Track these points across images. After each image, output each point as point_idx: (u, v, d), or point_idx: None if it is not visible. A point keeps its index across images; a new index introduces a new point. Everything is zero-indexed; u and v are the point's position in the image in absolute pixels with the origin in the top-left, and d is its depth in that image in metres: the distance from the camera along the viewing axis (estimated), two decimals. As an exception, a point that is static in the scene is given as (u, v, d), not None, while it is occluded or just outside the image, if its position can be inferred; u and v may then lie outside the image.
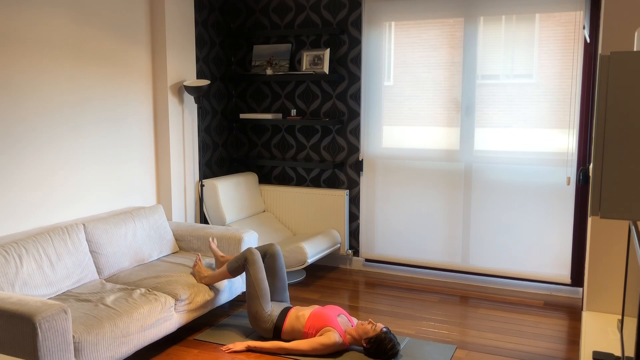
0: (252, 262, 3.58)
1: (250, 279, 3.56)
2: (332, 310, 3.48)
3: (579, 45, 4.15)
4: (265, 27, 5.17)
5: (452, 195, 4.67)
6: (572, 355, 3.43)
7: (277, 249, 3.74)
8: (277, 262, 3.73)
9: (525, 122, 4.37)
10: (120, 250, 3.75)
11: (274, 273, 3.71)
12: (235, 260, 3.63)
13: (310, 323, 3.40)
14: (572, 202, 4.30)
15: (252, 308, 3.54)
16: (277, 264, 3.73)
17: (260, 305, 3.52)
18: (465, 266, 4.69)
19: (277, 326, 3.49)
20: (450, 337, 3.68)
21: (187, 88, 4.49)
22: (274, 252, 3.73)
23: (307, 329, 3.40)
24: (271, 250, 3.74)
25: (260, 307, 3.52)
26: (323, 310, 3.46)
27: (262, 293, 3.54)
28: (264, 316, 3.51)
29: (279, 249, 3.76)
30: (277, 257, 3.73)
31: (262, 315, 3.51)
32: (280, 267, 3.73)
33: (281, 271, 3.73)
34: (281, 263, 3.74)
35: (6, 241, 3.20)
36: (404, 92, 4.73)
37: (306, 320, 3.43)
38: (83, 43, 3.86)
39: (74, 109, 3.83)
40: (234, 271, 3.63)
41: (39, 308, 2.63)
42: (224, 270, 3.64)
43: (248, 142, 5.39)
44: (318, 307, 3.54)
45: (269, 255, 3.73)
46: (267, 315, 3.51)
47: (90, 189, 3.98)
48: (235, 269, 3.62)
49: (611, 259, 2.80)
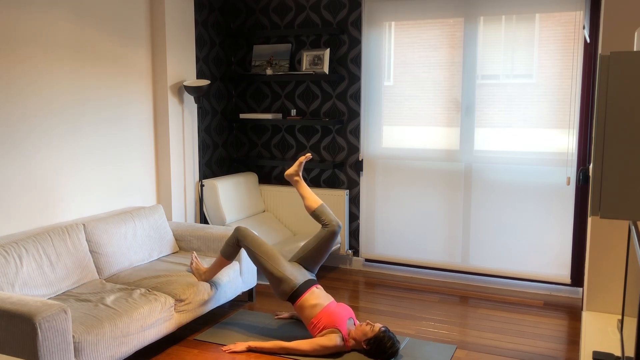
0: (244, 237, 3.58)
1: (252, 253, 3.54)
2: (344, 311, 3.45)
3: (579, 45, 4.15)
4: (265, 27, 5.17)
5: (452, 195, 4.67)
6: (572, 355, 3.43)
7: (338, 230, 3.66)
8: (331, 240, 3.65)
9: (525, 122, 4.37)
10: (120, 250, 3.75)
11: (320, 244, 3.65)
12: (226, 244, 3.63)
13: (320, 317, 3.39)
14: (572, 202, 4.30)
15: (269, 275, 3.51)
16: (330, 241, 3.65)
17: (274, 268, 3.49)
18: (465, 266, 4.69)
19: (295, 293, 3.46)
20: (450, 337, 3.68)
21: (187, 88, 4.49)
22: (334, 230, 3.64)
23: (315, 321, 3.39)
24: (334, 227, 3.64)
25: (275, 269, 3.49)
26: (337, 309, 3.44)
27: (269, 255, 3.52)
28: (281, 277, 3.48)
29: (339, 231, 3.68)
30: (334, 236, 3.65)
31: (279, 276, 3.48)
32: (328, 245, 3.65)
33: (327, 247, 3.66)
34: (332, 243, 3.67)
35: (6, 241, 3.20)
36: (404, 92, 4.73)
37: (319, 312, 3.41)
38: (83, 43, 3.86)
39: (74, 109, 3.83)
40: (229, 254, 3.62)
41: (39, 308, 2.63)
42: (219, 258, 3.64)
43: (248, 142, 5.39)
44: (334, 302, 3.50)
45: (329, 227, 3.65)
46: (284, 275, 3.48)
47: (90, 189, 3.98)
48: (230, 252, 3.62)
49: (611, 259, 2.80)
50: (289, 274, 3.50)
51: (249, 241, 3.57)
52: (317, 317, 3.40)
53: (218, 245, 4.09)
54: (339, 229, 3.66)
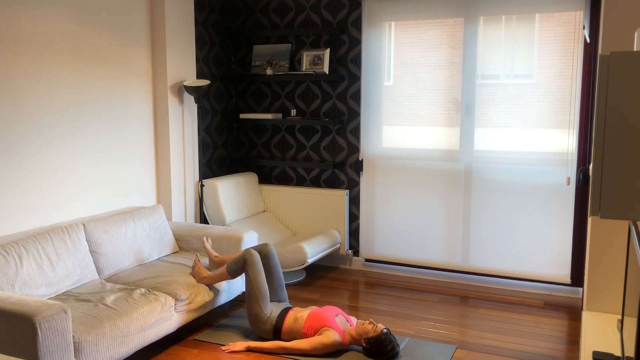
0: (251, 264, 3.58)
1: (249, 281, 3.56)
2: (329, 310, 3.48)
3: (579, 45, 4.15)
4: (265, 27, 5.17)
5: (452, 195, 4.67)
6: (572, 355, 3.43)
7: (270, 249, 3.75)
8: (271, 261, 3.73)
9: (525, 122, 4.37)
10: (120, 250, 3.75)
11: (270, 272, 3.72)
12: (235, 262, 3.63)
13: (308, 324, 3.41)
14: (572, 202, 4.30)
15: (251, 310, 3.54)
16: (272, 263, 3.73)
17: (259, 307, 3.52)
18: (465, 266, 4.69)
19: (276, 327, 3.49)
20: (450, 337, 3.68)
21: (187, 88, 4.49)
22: (267, 251, 3.74)
23: (306, 330, 3.41)
24: (264, 250, 3.74)
25: (260, 308, 3.52)
26: (321, 310, 3.46)
27: (261, 295, 3.54)
28: (263, 317, 3.51)
29: (272, 248, 3.76)
30: (271, 257, 3.73)
31: (261, 316, 3.51)
32: (276, 266, 3.74)
33: (276, 270, 3.74)
34: (276, 262, 3.74)
35: (6, 241, 3.20)
36: (404, 92, 4.73)
37: (304, 321, 3.43)
38: (83, 43, 3.86)
39: (74, 109, 3.83)
40: (234, 273, 3.63)
41: (39, 308, 2.63)
42: (224, 272, 3.64)
43: (248, 142, 5.39)
44: (316, 308, 3.54)
45: (262, 255, 3.74)
46: (267, 316, 3.52)
47: (90, 189, 3.98)
48: (235, 270, 3.63)
49: (611, 259, 2.80)
50: (269, 314, 3.54)
51: (253, 271, 3.58)
52: (305, 326, 3.42)
53: (218, 246, 4.09)
54: (269, 247, 3.75)
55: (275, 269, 3.74)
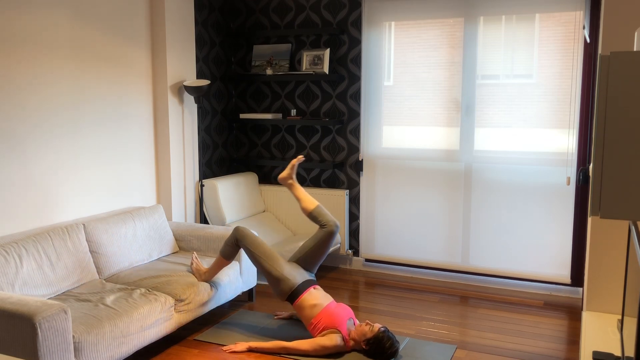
0: (243, 237, 3.58)
1: (250, 253, 3.55)
2: (344, 311, 3.45)
3: (579, 45, 4.15)
4: (265, 27, 5.17)
5: (452, 195, 4.67)
6: (572, 355, 3.43)
7: (336, 231, 3.67)
8: (329, 239, 3.66)
9: (525, 122, 4.37)
10: (120, 250, 3.75)
11: (319, 245, 3.65)
12: (226, 244, 3.63)
13: (320, 317, 3.39)
14: (572, 202, 4.30)
15: (268, 275, 3.51)
16: (328, 241, 3.66)
17: (273, 268, 3.50)
18: (465, 266, 4.69)
19: (294, 293, 3.47)
20: (450, 337, 3.68)
21: (187, 88, 4.49)
22: (332, 231, 3.65)
23: (315, 322, 3.39)
24: (331, 227, 3.65)
25: (274, 269, 3.50)
26: (337, 310, 3.43)
27: (267, 255, 3.52)
28: (279, 276, 3.48)
29: (337, 231, 3.68)
30: (332, 236, 3.66)
31: (277, 275, 3.48)
32: (327, 245, 3.66)
33: (325, 248, 3.66)
34: (330, 243, 3.67)
35: (6, 241, 3.20)
36: (404, 92, 4.73)
37: (319, 312, 3.41)
38: (83, 43, 3.86)
39: (74, 109, 3.83)
40: (228, 255, 3.62)
41: (39, 308, 2.63)
42: (219, 258, 3.64)
43: (248, 142, 5.39)
44: (333, 302, 3.50)
45: (328, 228, 3.65)
46: (283, 275, 3.48)
47: (90, 189, 3.98)
48: (229, 252, 3.62)
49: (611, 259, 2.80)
50: (287, 274, 3.50)
51: (247, 241, 3.58)
52: (317, 317, 3.40)
53: (218, 245, 4.09)
54: (337, 229, 3.66)
55: (325, 246, 3.66)
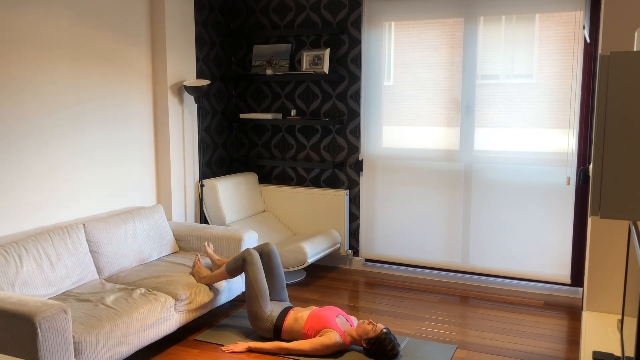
0: (251, 263, 3.58)
1: (249, 280, 3.56)
2: (330, 311, 3.48)
3: (579, 45, 4.15)
4: (265, 27, 5.17)
5: (452, 195, 4.67)
6: (572, 355, 3.43)
7: (272, 248, 3.75)
8: (273, 261, 3.73)
9: (525, 122, 4.37)
10: (120, 250, 3.75)
11: (271, 271, 3.72)
12: (234, 261, 3.63)
13: (309, 324, 3.41)
14: (572, 202, 4.30)
15: (251, 308, 3.54)
16: (274, 262, 3.73)
17: (259, 306, 3.52)
18: (465, 266, 4.69)
19: (277, 326, 3.49)
20: (450, 337, 3.68)
21: (187, 88, 4.49)
22: (269, 250, 3.74)
23: (306, 330, 3.41)
24: (266, 249, 3.74)
25: (260, 307, 3.52)
26: (321, 311, 3.46)
27: (261, 294, 3.54)
28: (263, 316, 3.51)
29: (274, 247, 3.76)
30: (272, 256, 3.73)
31: (261, 315, 3.51)
32: (277, 265, 3.74)
33: (278, 269, 3.74)
34: (277, 261, 3.75)
35: (6, 241, 3.20)
36: (404, 92, 4.73)
37: (305, 321, 3.43)
38: (83, 43, 3.86)
39: (74, 109, 3.83)
40: (233, 272, 3.63)
41: (39, 308, 2.63)
42: (223, 271, 3.64)
43: (248, 142, 5.39)
44: (316, 308, 3.54)
45: (264, 254, 3.74)
46: (267, 315, 3.51)
47: (90, 189, 3.98)
48: (234, 269, 3.63)
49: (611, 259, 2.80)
50: (270, 314, 3.54)
51: (253, 270, 3.59)
52: (306, 326, 3.42)
53: (218, 246, 4.09)
54: (271, 246, 3.75)
55: (277, 269, 3.74)
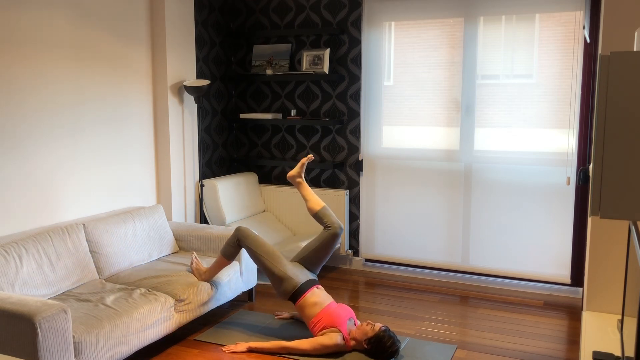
0: (245, 237, 3.58)
1: (252, 252, 3.55)
2: (344, 311, 3.46)
3: (579, 45, 4.15)
4: (265, 27, 5.17)
5: (452, 195, 4.67)
6: (572, 355, 3.43)
7: (340, 232, 3.67)
8: (332, 241, 3.65)
9: (525, 122, 4.37)
10: (120, 250, 3.75)
11: (322, 246, 3.65)
12: (227, 244, 3.63)
13: (320, 316, 3.39)
14: (572, 202, 4.30)
15: (271, 275, 3.51)
16: (332, 243, 3.66)
17: (273, 265, 3.50)
18: (465, 266, 4.69)
19: (297, 292, 3.47)
20: (450, 337, 3.68)
21: (187, 88, 4.49)
22: (336, 232, 3.65)
23: (315, 320, 3.39)
24: (335, 229, 3.65)
25: (277, 269, 3.50)
26: (337, 309, 3.44)
27: (270, 254, 3.52)
28: (284, 276, 3.48)
29: (341, 233, 3.69)
30: (336, 238, 3.65)
31: (282, 275, 3.48)
32: (331, 247, 3.66)
33: (329, 249, 3.66)
34: (334, 245, 3.67)
35: (6, 241, 3.20)
36: (404, 92, 4.73)
37: (319, 311, 3.41)
38: (83, 44, 3.86)
39: (74, 109, 3.83)
40: (230, 255, 3.62)
41: (39, 308, 2.63)
42: (220, 258, 3.64)
43: (248, 142, 5.39)
44: (333, 302, 3.51)
45: (332, 229, 3.65)
46: (288, 275, 3.48)
47: (90, 189, 3.98)
48: (230, 252, 3.62)
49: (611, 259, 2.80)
50: (291, 273, 3.50)
51: (250, 241, 3.58)
52: (318, 316, 3.40)
53: (218, 245, 4.09)
54: (341, 231, 3.67)
55: (328, 248, 3.65)
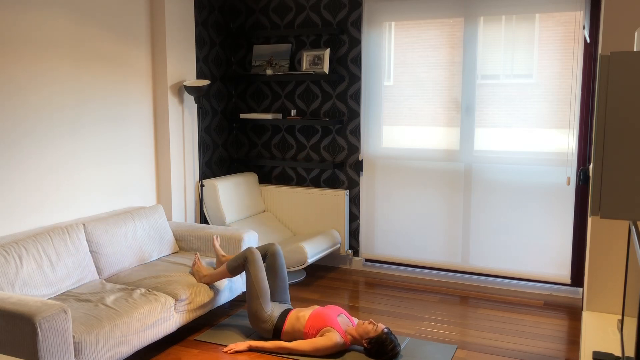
0: (252, 262, 3.58)
1: (250, 279, 3.56)
2: (332, 310, 3.48)
3: (579, 45, 4.15)
4: (265, 27, 5.17)
5: (452, 195, 4.67)
6: (572, 355, 3.43)
7: (277, 248, 3.74)
8: (277, 261, 3.72)
9: (525, 122, 4.37)
10: (120, 250, 3.75)
11: (275, 272, 3.71)
12: (235, 259, 3.63)
13: (310, 323, 3.41)
14: (572, 202, 4.30)
15: (252, 308, 3.54)
16: (278, 263, 3.72)
17: (260, 305, 3.52)
18: (465, 266, 4.69)
19: (277, 327, 3.48)
20: (450, 337, 3.68)
21: (187, 88, 4.49)
22: (274, 251, 3.73)
23: (307, 329, 3.40)
24: (271, 250, 3.74)
25: (260, 306, 3.51)
26: (323, 310, 3.46)
27: (262, 292, 3.53)
28: (263, 316, 3.51)
29: (279, 248, 3.76)
30: (277, 256, 3.73)
31: (262, 315, 3.51)
32: (281, 266, 3.73)
33: (282, 270, 3.73)
34: (282, 262, 3.74)
35: (6, 241, 3.20)
36: (404, 92, 4.73)
37: (306, 320, 3.43)
38: (83, 43, 3.86)
39: (74, 109, 3.83)
40: (234, 270, 3.63)
41: (39, 308, 2.63)
42: (224, 270, 3.64)
43: (248, 142, 5.39)
44: (318, 307, 3.54)
45: (269, 255, 3.73)
46: (267, 315, 3.51)
47: (91, 189, 3.98)
48: (235, 268, 3.62)
49: (611, 259, 2.80)
50: (270, 313, 3.53)
51: (255, 269, 3.58)
52: (307, 325, 3.41)
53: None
54: (276, 246, 3.74)
55: (280, 270, 3.73)
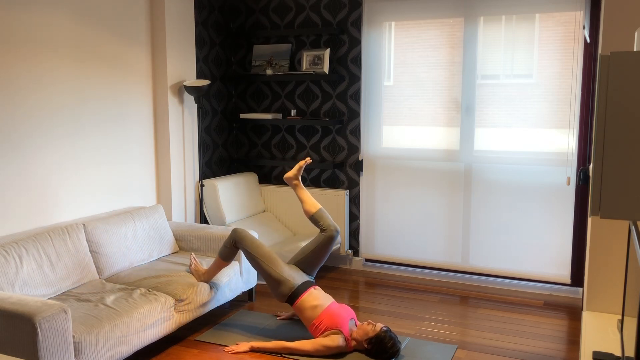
0: (242, 239, 3.58)
1: (249, 254, 3.55)
2: (346, 312, 3.45)
3: (579, 45, 4.15)
4: (265, 27, 5.17)
5: (452, 195, 4.67)
6: (572, 355, 3.43)
7: (336, 235, 3.67)
8: (329, 243, 3.66)
9: (525, 122, 4.37)
10: (120, 250, 3.75)
11: (318, 249, 3.65)
12: (224, 246, 3.64)
13: (322, 318, 3.38)
14: (572, 202, 4.30)
15: (268, 277, 3.51)
16: (329, 245, 3.66)
17: (271, 269, 3.50)
18: (465, 266, 4.69)
19: (294, 294, 3.46)
20: (450, 337, 3.68)
21: (187, 88, 4.49)
22: (332, 235, 3.66)
23: (317, 322, 3.39)
24: (332, 232, 3.66)
25: (272, 269, 3.49)
26: (338, 310, 3.43)
27: (266, 257, 3.52)
28: (280, 278, 3.48)
29: (338, 236, 3.69)
30: (331, 240, 3.66)
31: (279, 277, 3.48)
32: (326, 249, 3.66)
33: (324, 251, 3.66)
34: (331, 247, 3.68)
35: (6, 241, 3.20)
36: (404, 92, 4.73)
37: (320, 313, 3.41)
38: (83, 43, 3.86)
39: (74, 109, 3.83)
40: (227, 256, 3.63)
41: (39, 308, 2.63)
42: (217, 260, 3.64)
43: (248, 142, 5.39)
44: (334, 303, 3.50)
45: (328, 232, 3.66)
46: (284, 277, 3.48)
47: (91, 189, 3.98)
48: (227, 254, 3.62)
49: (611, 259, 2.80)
50: (287, 275, 3.50)
51: (246, 243, 3.57)
52: (319, 318, 3.39)
53: (218, 245, 4.09)
54: (337, 233, 3.67)
55: (324, 250, 3.66)
